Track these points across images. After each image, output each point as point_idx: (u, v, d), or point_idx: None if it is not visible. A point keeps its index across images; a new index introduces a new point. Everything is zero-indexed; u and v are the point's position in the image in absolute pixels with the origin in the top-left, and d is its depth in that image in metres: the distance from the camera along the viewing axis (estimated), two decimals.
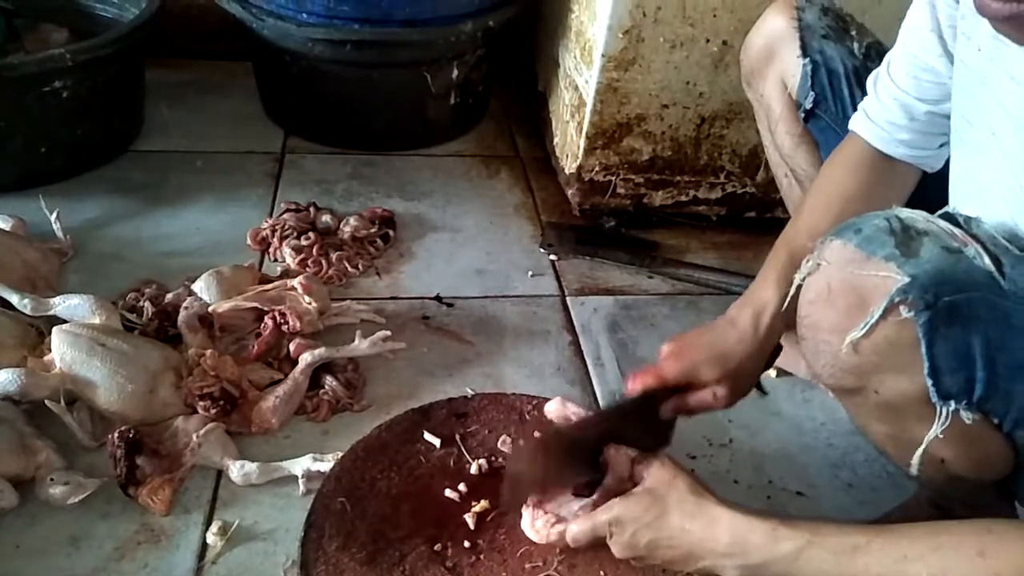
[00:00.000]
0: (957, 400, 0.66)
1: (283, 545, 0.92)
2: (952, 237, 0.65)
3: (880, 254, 0.64)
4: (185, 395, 1.05)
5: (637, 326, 1.33)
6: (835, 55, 1.00)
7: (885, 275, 0.63)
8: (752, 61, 1.09)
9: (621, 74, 1.39)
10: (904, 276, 0.62)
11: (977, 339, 0.63)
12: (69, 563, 0.89)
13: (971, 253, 0.64)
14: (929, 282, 0.62)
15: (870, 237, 0.66)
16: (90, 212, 1.44)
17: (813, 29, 1.01)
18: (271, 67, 1.70)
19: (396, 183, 1.64)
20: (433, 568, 0.75)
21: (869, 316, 0.64)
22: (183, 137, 1.69)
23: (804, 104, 1.02)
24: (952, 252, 0.64)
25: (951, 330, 0.63)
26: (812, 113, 1.02)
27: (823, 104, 1.01)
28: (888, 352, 0.66)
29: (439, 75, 1.66)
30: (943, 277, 0.62)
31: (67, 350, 1.02)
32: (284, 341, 1.15)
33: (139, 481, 0.95)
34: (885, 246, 0.64)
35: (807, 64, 1.00)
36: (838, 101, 1.00)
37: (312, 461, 0.97)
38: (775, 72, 1.05)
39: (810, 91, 1.01)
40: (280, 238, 1.39)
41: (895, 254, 0.64)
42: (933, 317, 0.62)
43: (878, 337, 0.65)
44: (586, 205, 1.54)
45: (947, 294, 0.62)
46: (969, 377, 0.65)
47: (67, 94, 1.42)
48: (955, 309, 0.63)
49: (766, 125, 1.12)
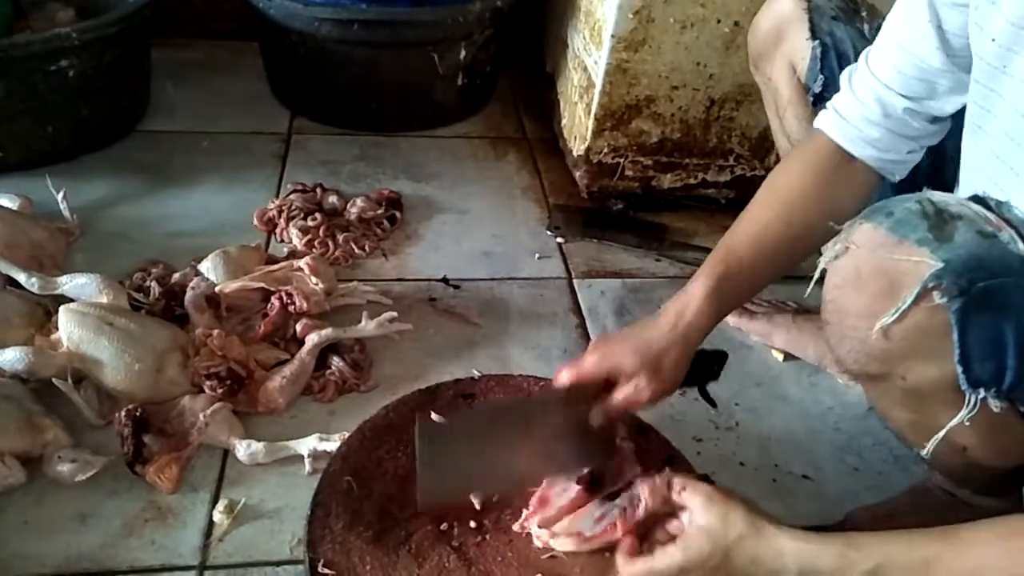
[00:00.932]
0: (987, 388, 0.65)
1: (289, 523, 0.93)
2: (986, 222, 0.64)
3: (912, 238, 0.63)
4: (192, 375, 1.05)
5: (644, 309, 1.32)
6: (845, 37, 0.98)
7: (918, 260, 0.62)
8: (760, 44, 1.07)
9: (631, 55, 1.37)
10: (938, 261, 0.61)
11: (1010, 326, 0.62)
12: (76, 540, 0.89)
13: (1005, 238, 0.63)
14: (963, 268, 0.61)
15: (902, 220, 0.64)
16: (97, 192, 1.44)
17: (823, 11, 0.99)
18: (278, 47, 1.69)
19: (403, 164, 1.63)
20: (439, 548, 0.75)
21: (901, 302, 0.63)
22: (189, 117, 1.69)
23: (813, 88, 1.00)
24: (986, 237, 0.63)
25: (984, 317, 0.62)
26: (821, 97, 1.00)
27: (832, 87, 0.98)
28: (918, 338, 0.65)
29: (447, 56, 1.64)
30: (977, 262, 0.61)
31: (74, 329, 1.02)
32: (291, 321, 1.15)
33: (146, 459, 0.96)
34: (917, 230, 0.63)
35: (816, 46, 0.98)
36: None
37: (318, 441, 0.98)
38: (783, 55, 1.04)
39: (819, 74, 0.99)
40: (287, 219, 1.38)
41: (928, 238, 0.62)
42: (967, 303, 0.61)
43: (909, 323, 0.64)
44: (594, 187, 1.53)
45: (981, 280, 0.61)
46: (1000, 365, 0.64)
47: (73, 73, 1.41)
48: (989, 295, 0.61)
49: (774, 109, 1.11)
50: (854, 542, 0.63)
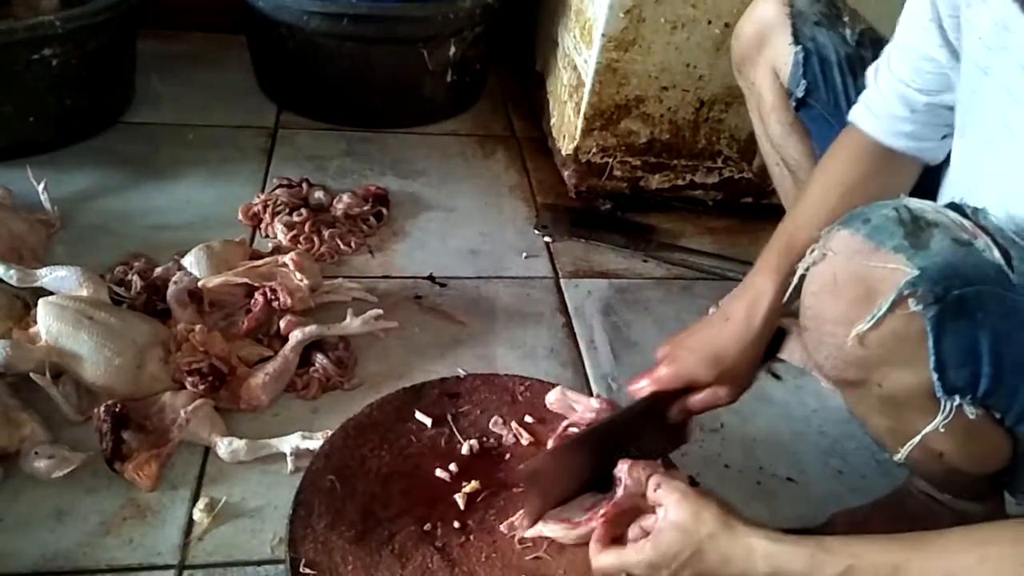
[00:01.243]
0: (962, 395, 0.65)
1: (271, 522, 0.91)
2: (962, 229, 0.64)
3: (889, 245, 0.63)
4: (173, 370, 1.03)
5: (631, 309, 1.32)
6: (827, 43, 0.98)
7: (894, 267, 0.62)
8: (743, 48, 1.07)
9: (621, 55, 1.37)
10: (913, 269, 0.61)
11: (985, 334, 0.62)
12: (53, 537, 0.88)
13: (981, 246, 0.63)
14: (939, 275, 0.61)
15: (879, 227, 0.64)
16: (79, 183, 1.42)
17: (805, 16, 0.99)
18: (266, 40, 1.67)
19: (390, 161, 1.62)
20: (423, 548, 0.75)
21: (877, 308, 0.63)
22: (175, 110, 1.67)
23: (796, 93, 1.00)
24: (962, 244, 0.63)
25: (959, 324, 0.62)
26: (804, 102, 1.01)
27: (815, 93, 0.99)
28: (894, 345, 0.65)
29: (436, 52, 1.63)
30: (953, 270, 0.61)
31: (53, 322, 1.00)
32: (274, 318, 1.14)
33: (125, 456, 0.94)
34: (894, 237, 0.63)
35: (799, 52, 0.98)
36: (830, 90, 0.98)
37: (301, 439, 0.96)
38: (766, 60, 1.04)
39: (802, 79, 0.99)
40: (272, 214, 1.37)
41: (904, 245, 0.62)
42: (942, 311, 0.61)
43: (885, 330, 0.64)
44: (582, 187, 1.53)
45: (956, 287, 0.61)
46: (975, 372, 0.64)
47: (57, 62, 1.39)
48: (964, 303, 0.62)
49: (757, 114, 1.11)
50: (825, 545, 0.64)
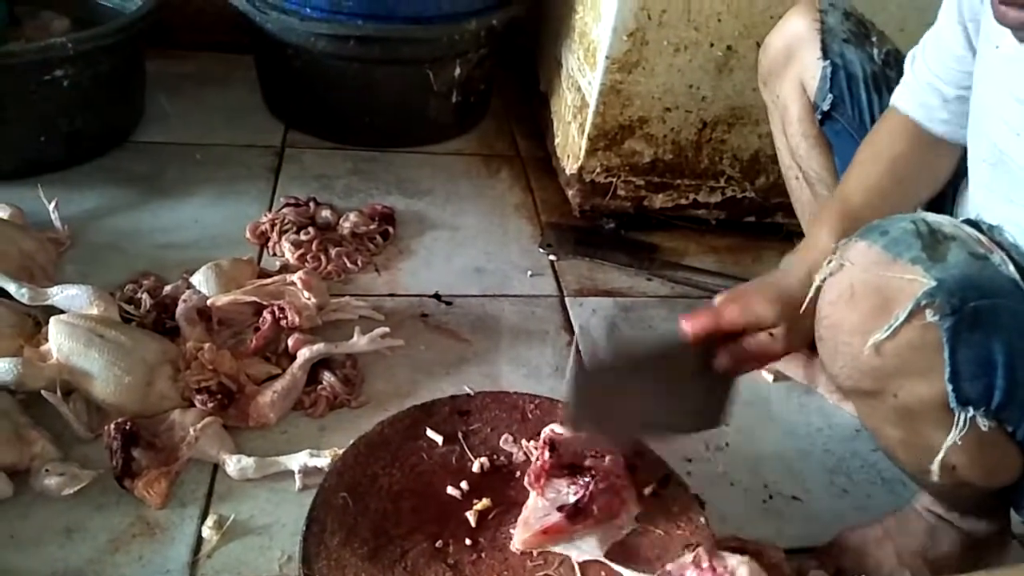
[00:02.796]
0: (976, 407, 0.66)
1: (279, 540, 0.92)
2: (979, 243, 0.65)
3: (906, 256, 0.64)
4: (182, 388, 1.04)
5: (635, 328, 1.33)
6: (855, 59, 1.00)
7: (911, 278, 0.63)
8: (771, 61, 1.09)
9: (624, 76, 1.39)
10: (931, 280, 0.62)
11: (999, 346, 0.63)
12: (63, 554, 0.88)
13: (997, 260, 0.64)
14: (956, 287, 0.62)
15: (896, 239, 0.66)
16: (88, 202, 1.43)
17: (835, 32, 1.02)
18: (273, 61, 1.69)
19: (396, 180, 1.64)
20: (435, 565, 0.75)
21: (893, 319, 0.64)
22: (182, 129, 1.68)
23: (822, 106, 1.03)
24: (978, 258, 0.64)
25: (975, 336, 0.63)
26: (828, 116, 1.03)
27: (840, 107, 1.01)
28: (910, 356, 0.66)
29: (441, 73, 1.65)
30: (969, 282, 0.62)
31: (64, 340, 1.01)
32: (282, 336, 1.15)
33: (135, 473, 0.95)
34: (911, 248, 0.64)
35: (827, 66, 1.01)
36: (855, 105, 1.01)
37: (309, 457, 0.97)
38: (794, 73, 1.06)
39: (828, 93, 1.01)
40: (279, 232, 1.38)
41: (922, 257, 0.63)
42: (958, 322, 0.62)
43: (901, 340, 0.65)
44: (586, 206, 1.55)
45: (973, 299, 0.62)
46: (989, 384, 0.65)
47: (68, 83, 1.41)
48: (980, 315, 0.63)
49: (780, 127, 1.13)
50: None
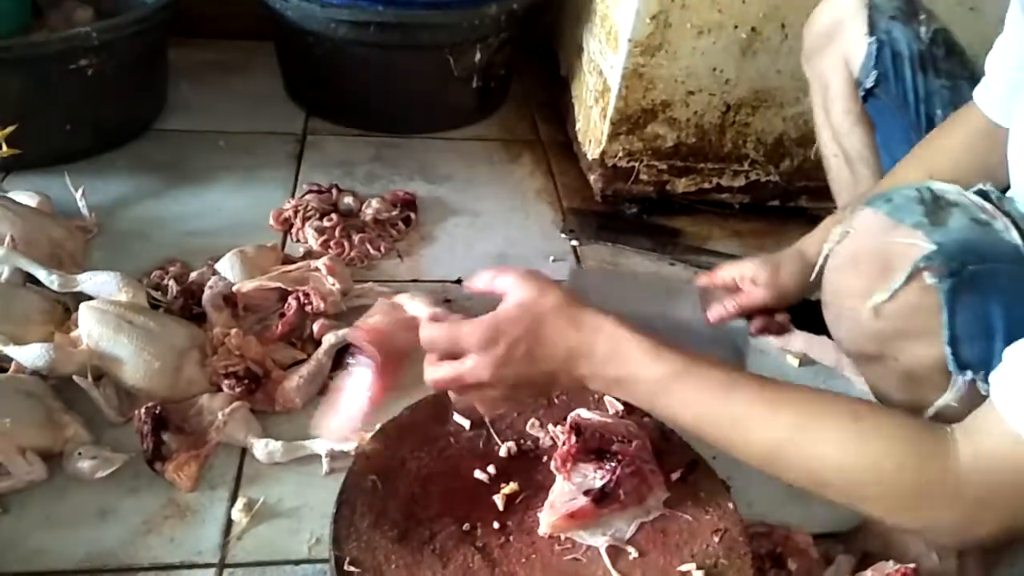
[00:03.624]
0: (974, 370, 0.66)
1: (308, 523, 0.93)
2: (982, 210, 0.66)
3: (908, 222, 0.65)
4: (210, 374, 1.05)
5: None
6: (901, 37, 0.99)
7: (912, 242, 0.64)
8: (815, 37, 1.08)
9: (647, 59, 1.38)
10: (931, 244, 0.63)
11: (998, 310, 0.64)
12: (97, 536, 0.90)
13: (999, 227, 0.65)
14: (955, 250, 0.63)
15: (900, 206, 0.67)
16: (114, 190, 1.44)
17: (882, 9, 1.01)
18: (294, 48, 1.70)
19: (417, 166, 1.64)
20: (463, 548, 0.75)
21: (894, 281, 0.65)
22: (205, 117, 1.69)
23: (865, 83, 1.02)
24: (981, 224, 0.65)
25: (973, 299, 0.64)
26: (871, 93, 1.02)
27: (884, 84, 1.00)
28: (910, 318, 0.67)
29: (462, 58, 1.65)
30: (969, 247, 0.63)
31: (95, 326, 1.02)
32: (307, 321, 1.15)
33: (165, 457, 0.96)
34: (914, 214, 0.66)
35: (873, 43, 1.00)
36: (900, 83, 0.99)
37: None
38: (838, 49, 1.05)
39: (873, 70, 1.00)
40: (303, 219, 1.39)
41: (924, 222, 0.65)
42: (957, 285, 0.63)
43: (901, 302, 0.66)
44: (608, 191, 1.54)
45: (972, 263, 0.63)
46: (988, 348, 0.65)
47: (92, 72, 1.42)
48: (978, 278, 0.63)
49: (821, 104, 1.12)
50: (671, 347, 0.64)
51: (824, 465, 0.58)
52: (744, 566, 0.77)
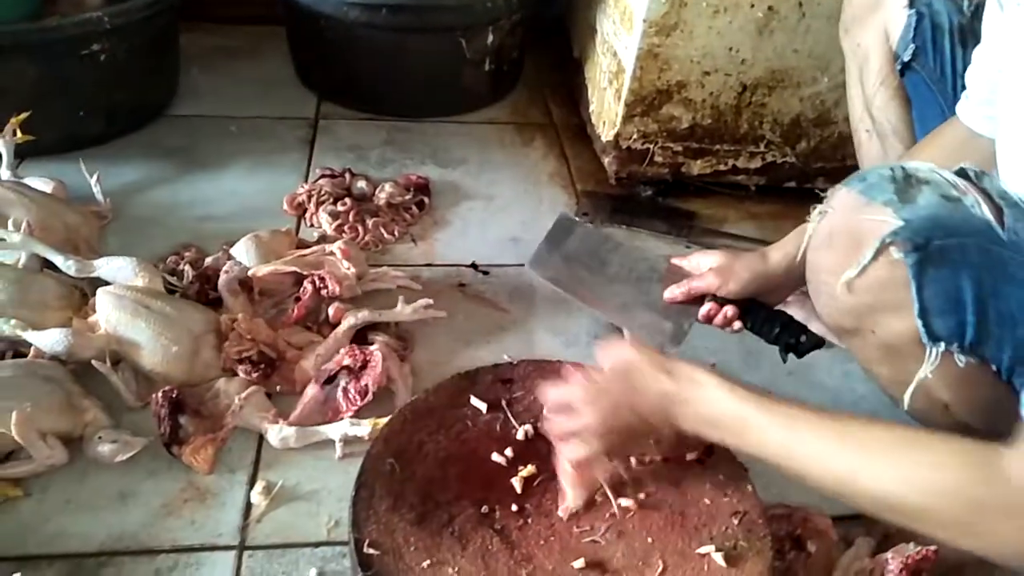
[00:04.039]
0: (948, 343, 0.68)
1: (326, 505, 0.93)
2: (953, 187, 0.68)
3: (880, 200, 0.68)
4: (224, 359, 1.05)
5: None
6: (942, 9, 0.98)
7: (882, 219, 0.67)
8: (855, 8, 1.08)
9: (662, 39, 1.36)
10: (898, 220, 0.66)
11: (968, 284, 0.65)
12: (118, 518, 0.90)
13: (969, 202, 0.67)
14: (922, 226, 0.65)
15: (873, 185, 0.70)
16: (128, 176, 1.44)
17: None
18: (305, 32, 1.69)
19: (430, 150, 1.63)
20: (482, 531, 0.75)
21: (863, 256, 0.68)
22: (217, 102, 1.69)
23: (902, 56, 1.01)
24: (950, 200, 0.67)
25: (941, 272, 0.66)
26: (908, 66, 1.01)
27: (922, 57, 1.00)
28: (881, 292, 0.69)
29: (474, 41, 1.63)
30: (937, 222, 0.66)
31: (112, 312, 1.02)
32: (323, 305, 1.15)
33: (182, 440, 0.97)
34: (885, 192, 0.68)
35: (912, 14, 0.99)
36: (938, 56, 0.98)
37: (349, 426, 0.98)
38: (879, 21, 1.04)
39: (911, 42, 0.99)
40: (316, 204, 1.39)
41: (893, 200, 0.67)
42: (923, 259, 0.65)
43: (871, 277, 0.69)
44: (623, 174, 1.53)
45: (939, 238, 0.65)
46: (960, 320, 0.67)
47: (104, 57, 1.42)
48: (945, 252, 0.65)
49: (856, 77, 1.11)
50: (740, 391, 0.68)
51: (888, 494, 0.60)
52: (763, 548, 0.77)
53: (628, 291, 0.99)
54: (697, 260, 0.97)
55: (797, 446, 0.64)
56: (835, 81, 1.41)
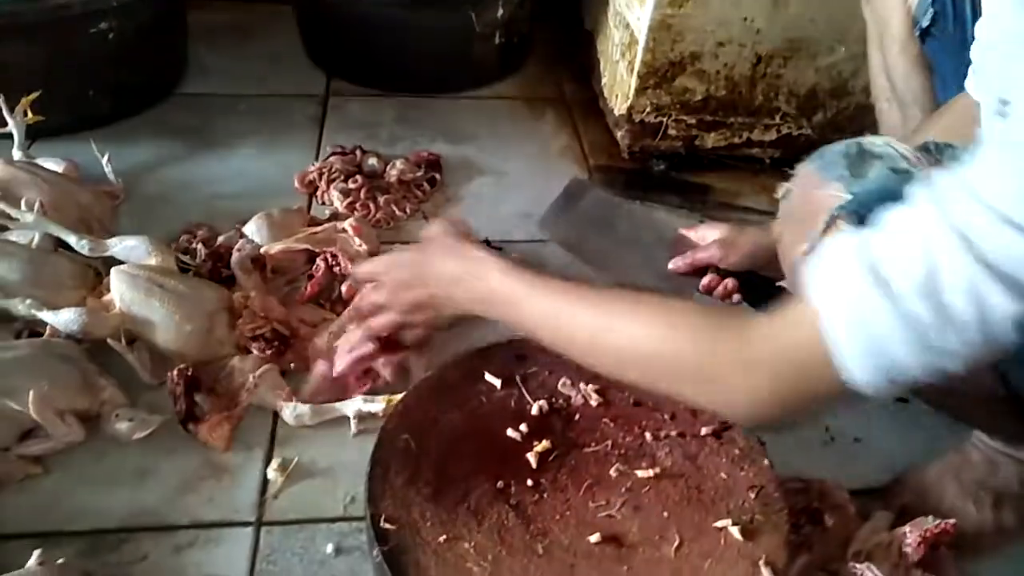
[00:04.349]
0: None
1: (342, 482, 0.94)
2: (904, 159, 0.70)
3: (833, 176, 0.71)
4: (238, 337, 1.05)
5: None
6: None
7: (834, 195, 0.69)
8: None
9: (676, 10, 1.34)
10: (847, 195, 0.68)
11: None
12: (137, 495, 0.91)
13: (919, 175, 0.68)
14: (868, 199, 0.66)
15: (829, 162, 0.72)
16: (138, 155, 1.44)
17: None
18: (313, 9, 1.67)
19: (441, 126, 1.61)
20: (497, 506, 0.76)
21: (815, 231, 0.69)
22: (226, 80, 1.68)
23: (921, 22, 1.00)
24: (899, 173, 0.69)
25: None
26: (928, 33, 1.00)
27: (941, 23, 0.98)
28: None
29: (484, 14, 1.61)
30: (884, 194, 0.65)
31: (126, 290, 1.02)
32: (336, 283, 1.15)
33: (198, 418, 0.97)
34: (838, 168, 0.71)
35: None
36: (958, 22, 0.96)
37: (363, 403, 0.98)
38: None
39: (929, 7, 0.98)
40: (327, 181, 1.38)
41: (845, 175, 0.70)
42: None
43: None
44: (635, 147, 1.51)
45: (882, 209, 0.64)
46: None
47: (113, 36, 1.41)
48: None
49: (877, 44, 1.10)
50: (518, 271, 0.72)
51: (633, 346, 0.63)
52: (780, 522, 0.77)
53: (634, 257, 1.00)
54: (703, 231, 0.99)
55: (563, 314, 0.68)
56: (852, 51, 1.38)
